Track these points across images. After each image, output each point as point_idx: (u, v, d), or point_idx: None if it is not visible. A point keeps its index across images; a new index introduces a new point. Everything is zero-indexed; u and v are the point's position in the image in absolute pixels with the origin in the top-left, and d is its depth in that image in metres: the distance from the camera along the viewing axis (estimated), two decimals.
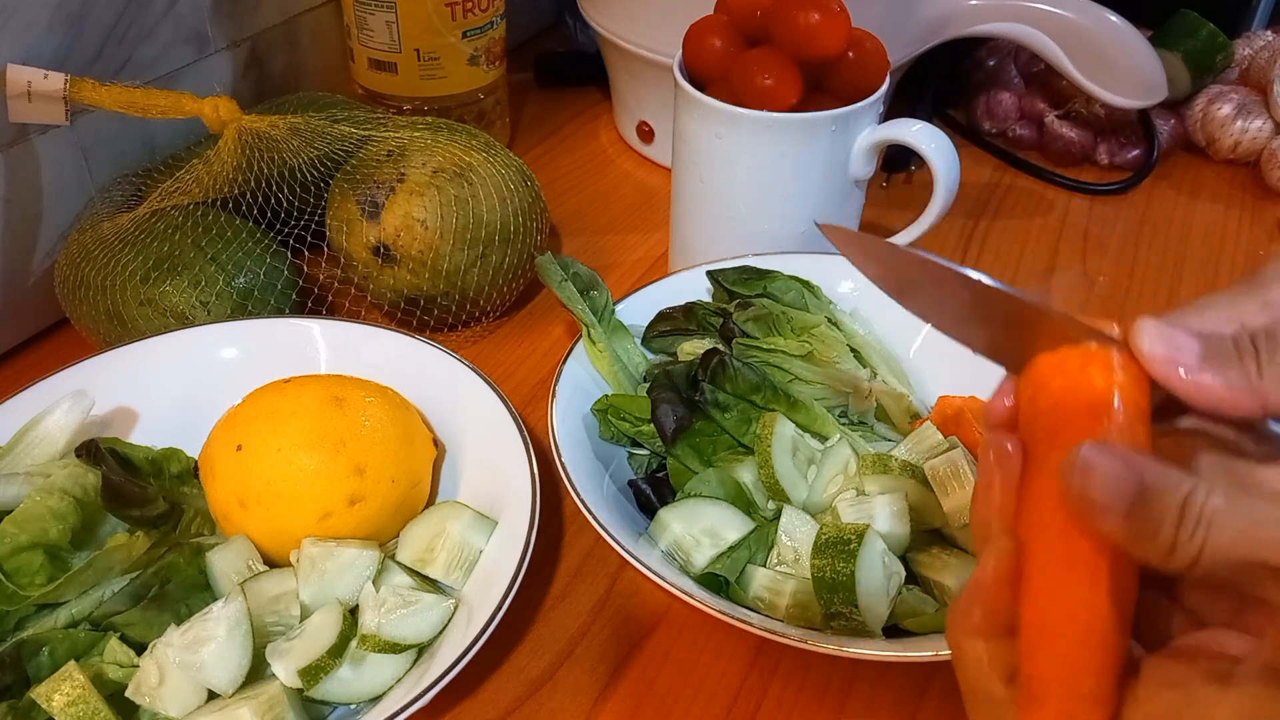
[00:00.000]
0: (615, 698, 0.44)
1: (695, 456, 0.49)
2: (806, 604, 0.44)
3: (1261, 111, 0.79)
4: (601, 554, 0.50)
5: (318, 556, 0.44)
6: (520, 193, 0.60)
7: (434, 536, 0.46)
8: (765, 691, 0.44)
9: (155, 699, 0.39)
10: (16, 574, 0.42)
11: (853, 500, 0.46)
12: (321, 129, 0.57)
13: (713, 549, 0.45)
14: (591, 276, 0.56)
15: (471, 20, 0.70)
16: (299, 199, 0.57)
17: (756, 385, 0.49)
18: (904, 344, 0.56)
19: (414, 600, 0.43)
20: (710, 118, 0.56)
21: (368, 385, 0.48)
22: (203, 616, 0.41)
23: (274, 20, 0.71)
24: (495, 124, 0.78)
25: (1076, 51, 0.73)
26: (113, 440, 0.47)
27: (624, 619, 0.47)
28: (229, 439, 0.45)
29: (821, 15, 0.55)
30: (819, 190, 0.59)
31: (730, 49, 0.58)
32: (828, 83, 0.58)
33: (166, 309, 0.54)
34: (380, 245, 0.57)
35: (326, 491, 0.44)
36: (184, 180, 0.56)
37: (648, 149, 0.80)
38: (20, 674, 0.40)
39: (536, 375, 0.60)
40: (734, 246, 0.59)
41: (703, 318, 0.55)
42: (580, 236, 0.72)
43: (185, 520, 0.47)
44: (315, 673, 0.40)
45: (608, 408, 0.51)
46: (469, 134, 0.61)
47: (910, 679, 0.45)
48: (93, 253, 0.55)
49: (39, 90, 0.52)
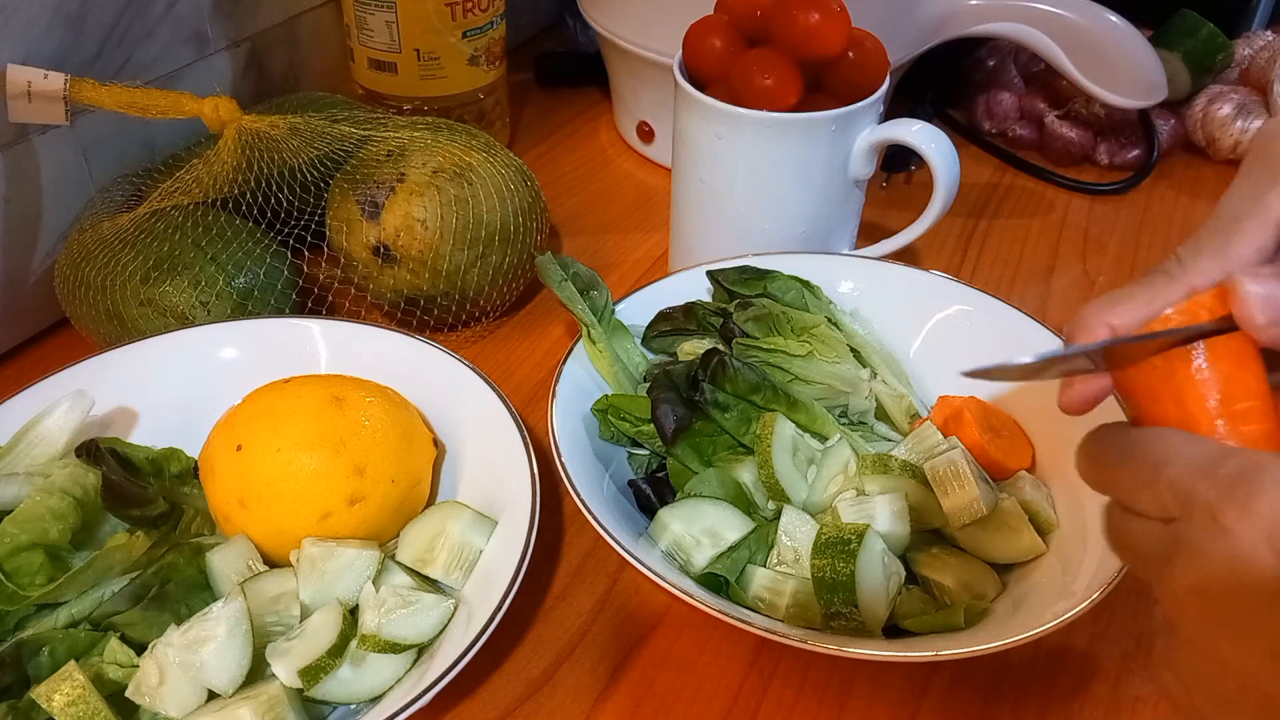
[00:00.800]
0: (615, 698, 0.44)
1: (695, 456, 0.49)
2: (806, 604, 0.44)
3: (1261, 111, 0.79)
4: (601, 554, 0.50)
5: (318, 556, 0.44)
6: (520, 193, 0.60)
7: (434, 536, 0.46)
8: (765, 691, 0.44)
9: (155, 699, 0.39)
10: (16, 574, 0.42)
11: (853, 500, 0.46)
12: (321, 129, 0.57)
13: (713, 549, 0.45)
14: (591, 276, 0.56)
15: (471, 20, 0.70)
16: (299, 199, 0.57)
17: (756, 385, 0.49)
18: (904, 344, 0.57)
19: (414, 600, 0.43)
20: (710, 118, 0.56)
21: (368, 385, 0.48)
22: (203, 616, 0.41)
23: (274, 20, 0.71)
24: (495, 124, 0.78)
25: (1076, 51, 0.73)
26: (113, 440, 0.47)
27: (624, 619, 0.47)
28: (229, 439, 0.45)
29: (821, 15, 0.55)
30: (819, 190, 0.59)
31: (730, 49, 0.58)
32: (828, 83, 0.58)
33: (166, 309, 0.54)
34: (380, 245, 0.57)
35: (326, 491, 0.44)
36: (184, 180, 0.56)
37: (648, 149, 0.80)
38: (20, 674, 0.40)
39: (536, 375, 0.60)
40: (734, 246, 0.59)
41: (703, 318, 0.55)
42: (580, 236, 0.72)
43: (185, 520, 0.47)
44: (315, 673, 0.40)
45: (608, 408, 0.51)
46: (469, 134, 0.61)
47: (910, 679, 0.45)
48: (93, 253, 0.55)
49: (39, 90, 0.52)
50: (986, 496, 0.45)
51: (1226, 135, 0.79)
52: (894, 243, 0.62)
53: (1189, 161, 0.82)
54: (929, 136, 0.56)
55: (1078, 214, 0.76)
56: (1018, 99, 0.83)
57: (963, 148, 0.80)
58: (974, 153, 0.83)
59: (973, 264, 0.71)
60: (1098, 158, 0.81)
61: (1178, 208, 0.77)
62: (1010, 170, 0.81)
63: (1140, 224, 0.75)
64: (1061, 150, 0.81)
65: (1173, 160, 0.82)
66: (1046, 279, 0.69)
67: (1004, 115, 0.83)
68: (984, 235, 0.74)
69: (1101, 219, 0.76)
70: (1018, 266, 0.71)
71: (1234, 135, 0.78)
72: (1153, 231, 0.74)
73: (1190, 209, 0.77)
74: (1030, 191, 0.79)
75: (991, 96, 0.83)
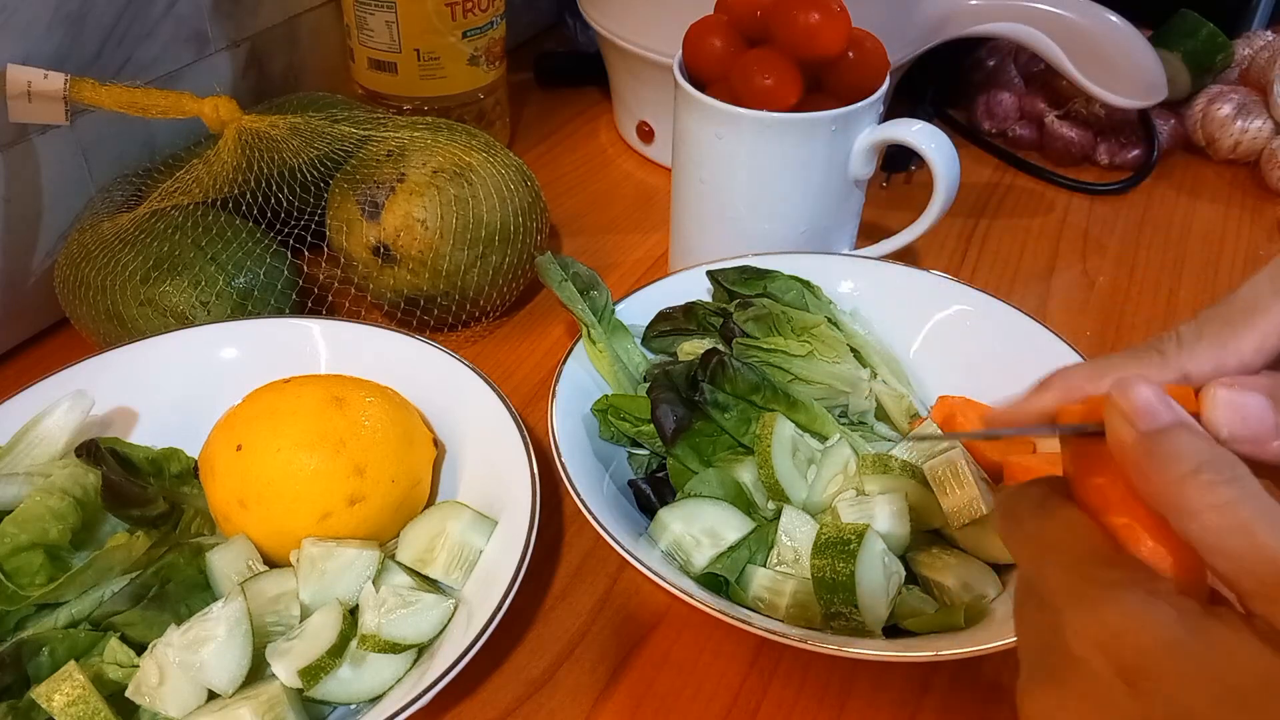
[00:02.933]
0: (615, 698, 0.44)
1: (695, 456, 0.49)
2: (806, 604, 0.44)
3: (1261, 111, 0.79)
4: (601, 554, 0.50)
5: (318, 556, 0.44)
6: (520, 193, 0.60)
7: (434, 536, 0.46)
8: (765, 691, 0.44)
9: (155, 699, 0.39)
10: (16, 574, 0.42)
11: (853, 500, 0.46)
12: (321, 129, 0.57)
13: (713, 549, 0.45)
14: (591, 276, 0.56)
15: (471, 20, 0.70)
16: (299, 199, 0.57)
17: (756, 385, 0.49)
18: (904, 344, 0.57)
19: (414, 600, 0.43)
20: (710, 118, 0.56)
21: (368, 385, 0.48)
22: (203, 616, 0.41)
23: (274, 20, 0.71)
24: (495, 124, 0.78)
25: (1076, 51, 0.73)
26: (113, 440, 0.47)
27: (624, 619, 0.47)
28: (229, 439, 0.45)
29: (821, 15, 0.55)
30: (819, 190, 0.59)
31: (730, 49, 0.58)
32: (828, 83, 0.58)
33: (166, 309, 0.54)
34: (380, 245, 0.57)
35: (326, 491, 0.44)
36: (184, 180, 0.56)
37: (648, 149, 0.80)
38: (20, 674, 0.40)
39: (536, 375, 0.60)
40: (734, 246, 0.59)
41: (703, 318, 0.55)
42: (580, 236, 0.72)
43: (185, 520, 0.47)
44: (315, 673, 0.40)
45: (608, 408, 0.51)
46: (469, 134, 0.61)
47: (910, 679, 0.45)
48: (93, 253, 0.55)
49: (39, 90, 0.52)
50: (986, 496, 0.45)
51: (1226, 135, 0.79)
52: (894, 243, 0.62)
53: (1189, 161, 0.82)
54: (929, 136, 0.56)
55: (1078, 214, 0.76)
56: (1018, 99, 0.83)
57: (963, 148, 0.80)
58: (974, 153, 0.83)
59: (973, 264, 0.71)
60: (1098, 158, 0.81)
61: (1178, 208, 0.77)
62: (1010, 170, 0.81)
63: (1140, 224, 0.75)
64: (1061, 150, 0.81)
65: (1173, 160, 0.82)
66: (1046, 279, 0.69)
67: (1004, 115, 0.83)
68: (984, 235, 0.74)
69: (1101, 219, 0.76)
70: (1018, 266, 0.71)
71: (1234, 135, 0.78)
72: (1153, 231, 0.74)
73: (1190, 209, 0.77)
74: (1030, 191, 0.79)
75: (991, 96, 0.83)
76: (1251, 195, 0.78)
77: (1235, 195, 0.78)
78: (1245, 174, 0.80)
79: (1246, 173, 0.80)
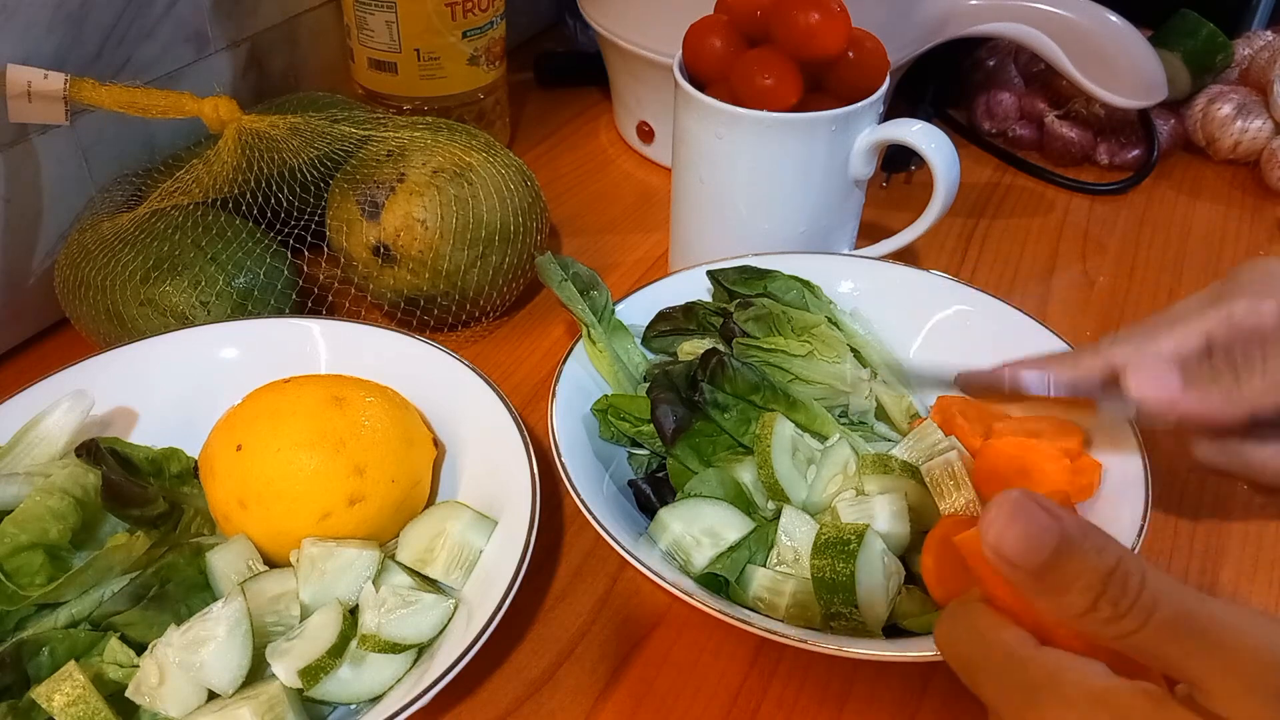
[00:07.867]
0: (615, 698, 0.44)
1: (695, 456, 0.49)
2: (806, 604, 0.44)
3: (1261, 111, 0.79)
4: (601, 554, 0.50)
5: (318, 556, 0.44)
6: (520, 193, 0.60)
7: (434, 536, 0.46)
8: (765, 691, 0.44)
9: (155, 699, 0.39)
10: (16, 574, 0.42)
11: (852, 500, 0.46)
12: (321, 129, 0.57)
13: (713, 549, 0.45)
14: (591, 276, 0.56)
15: (471, 20, 0.70)
16: (299, 199, 0.57)
17: (756, 385, 0.49)
18: (904, 344, 0.57)
19: (414, 600, 0.43)
20: (710, 118, 0.56)
21: (368, 385, 0.48)
22: (203, 616, 0.41)
23: (274, 20, 0.71)
24: (495, 124, 0.78)
25: (1076, 51, 0.73)
26: (113, 440, 0.47)
27: (624, 619, 0.47)
28: (229, 439, 0.45)
29: (821, 15, 0.55)
30: (819, 190, 0.59)
31: (730, 49, 0.58)
32: (828, 83, 0.58)
33: (166, 309, 0.54)
34: (380, 245, 0.57)
35: (326, 491, 0.44)
36: (184, 180, 0.56)
37: (648, 149, 0.80)
38: (20, 674, 0.40)
39: (536, 375, 0.60)
40: (734, 246, 0.59)
41: (703, 318, 0.55)
42: (580, 236, 0.72)
43: (185, 520, 0.47)
44: (315, 673, 0.40)
45: (608, 408, 0.51)
46: (469, 134, 0.61)
47: (910, 679, 0.45)
48: (93, 253, 0.55)
49: (39, 90, 0.52)
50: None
51: (1226, 135, 0.79)
52: (894, 243, 0.62)
53: (1189, 161, 0.82)
54: (929, 136, 0.56)
55: (1078, 214, 0.76)
56: (1018, 99, 0.83)
57: (963, 148, 0.80)
58: (974, 153, 0.83)
59: (973, 264, 0.71)
60: (1098, 158, 0.81)
61: (1178, 208, 0.77)
62: (1010, 170, 0.81)
63: (1140, 224, 0.75)
64: (1061, 150, 0.81)
65: (1173, 160, 0.82)
66: (1046, 279, 0.69)
67: (1004, 115, 0.83)
68: (984, 235, 0.74)
69: (1101, 219, 0.76)
70: (1018, 266, 0.71)
71: (1234, 135, 0.78)
72: (1153, 231, 0.74)
73: (1190, 209, 0.77)
74: (1030, 191, 0.79)
75: (991, 96, 0.83)
76: (1251, 195, 0.78)
77: (1235, 195, 0.78)
78: (1245, 174, 0.80)
79: (1246, 173, 0.80)
